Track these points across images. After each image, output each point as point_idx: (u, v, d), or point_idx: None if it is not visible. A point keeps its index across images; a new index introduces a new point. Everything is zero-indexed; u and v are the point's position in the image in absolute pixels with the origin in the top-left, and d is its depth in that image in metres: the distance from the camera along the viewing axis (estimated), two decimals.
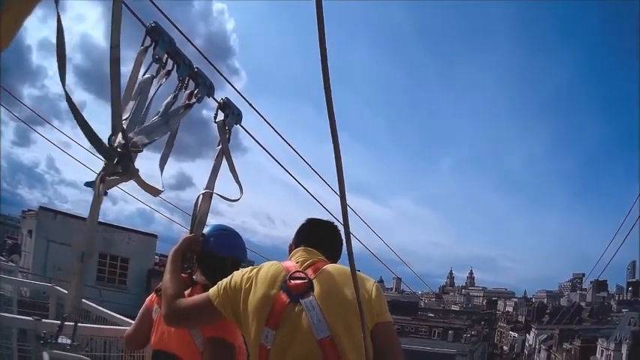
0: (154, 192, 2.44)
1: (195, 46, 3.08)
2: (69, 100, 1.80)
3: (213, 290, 2.15)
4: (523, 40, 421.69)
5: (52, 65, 1.73)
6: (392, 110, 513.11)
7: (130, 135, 2.16)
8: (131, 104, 2.30)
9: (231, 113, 2.84)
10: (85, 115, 1.88)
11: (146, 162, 2.35)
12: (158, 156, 2.68)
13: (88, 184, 2.25)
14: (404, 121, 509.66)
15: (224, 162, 2.85)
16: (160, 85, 2.48)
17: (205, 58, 3.13)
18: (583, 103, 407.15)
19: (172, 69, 2.52)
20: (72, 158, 7.28)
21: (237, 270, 2.21)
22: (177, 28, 2.83)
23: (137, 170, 2.18)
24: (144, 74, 2.42)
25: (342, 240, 2.34)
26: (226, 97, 2.82)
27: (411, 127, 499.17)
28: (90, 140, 1.96)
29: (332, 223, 2.44)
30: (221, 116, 2.84)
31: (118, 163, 2.10)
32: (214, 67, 3.21)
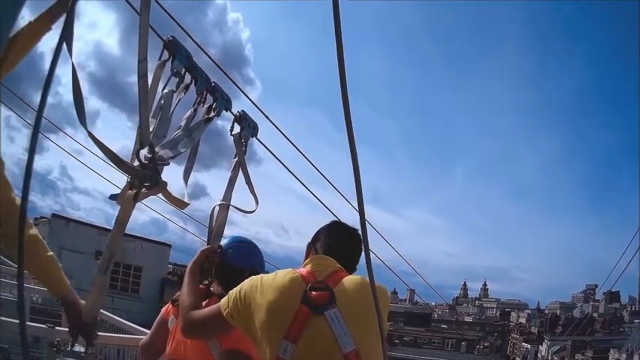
0: (181, 205, 2.45)
1: (213, 60, 3.09)
2: (93, 137, 1.82)
3: (223, 300, 2.10)
4: (535, 47, 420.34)
5: (65, 73, 1.76)
6: (404, 117, 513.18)
7: (156, 149, 2.18)
8: (153, 119, 2.32)
9: (247, 126, 2.85)
10: (100, 123, 1.95)
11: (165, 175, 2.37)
12: (177, 168, 2.70)
13: (112, 197, 2.27)
14: (416, 128, 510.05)
15: (240, 174, 2.85)
16: (180, 99, 2.49)
17: (223, 72, 3.13)
18: (596, 111, 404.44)
19: (190, 83, 2.53)
20: (85, 166, 7.35)
21: None
22: (194, 40, 2.85)
23: (166, 184, 2.20)
24: (163, 88, 2.43)
25: (361, 250, 2.27)
26: (242, 110, 2.82)
27: (423, 134, 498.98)
28: (119, 167, 2.00)
29: (356, 231, 2.32)
30: (237, 129, 2.85)
31: (146, 178, 2.13)
32: (230, 79, 3.22)
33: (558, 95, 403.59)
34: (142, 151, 2.10)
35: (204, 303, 2.41)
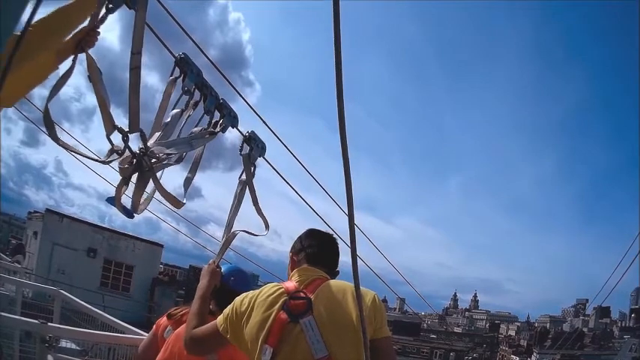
0: (176, 204, 2.46)
1: (212, 62, 3.08)
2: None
3: (219, 318, 2.22)
4: (535, 63, 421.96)
5: (63, 66, 1.78)
6: (401, 126, 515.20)
7: (149, 143, 2.18)
8: (157, 134, 2.34)
9: (255, 146, 2.85)
10: (97, 119, 1.93)
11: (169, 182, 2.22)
12: (177, 175, 2.71)
13: (109, 200, 2.28)
14: (413, 138, 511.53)
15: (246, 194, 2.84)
16: (189, 115, 2.51)
17: (222, 74, 3.13)
18: (592, 128, 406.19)
19: (200, 100, 2.54)
20: (80, 162, 7.32)
21: None
22: (193, 40, 2.85)
23: (153, 167, 2.18)
24: (174, 107, 2.46)
25: (339, 253, 2.42)
26: (252, 131, 2.82)
27: (420, 144, 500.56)
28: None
29: (333, 237, 2.47)
30: (246, 149, 2.84)
31: (136, 166, 2.14)
32: (228, 82, 3.21)
33: (556, 111, 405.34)
34: (127, 138, 2.07)
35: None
